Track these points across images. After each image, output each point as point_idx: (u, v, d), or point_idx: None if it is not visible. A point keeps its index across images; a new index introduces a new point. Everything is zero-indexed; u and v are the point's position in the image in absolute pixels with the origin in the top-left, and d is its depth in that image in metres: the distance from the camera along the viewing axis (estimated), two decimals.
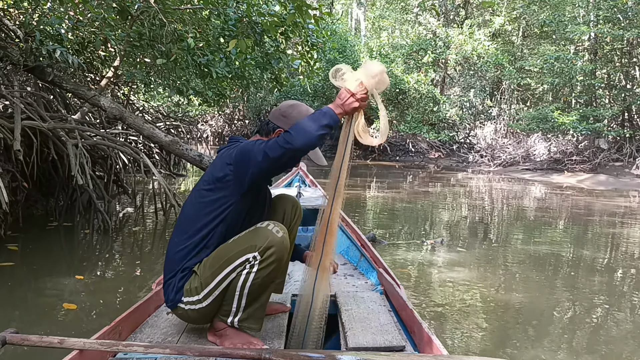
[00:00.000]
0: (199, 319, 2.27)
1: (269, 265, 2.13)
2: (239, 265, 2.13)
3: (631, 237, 7.81)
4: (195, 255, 2.22)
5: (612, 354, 3.51)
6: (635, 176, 16.95)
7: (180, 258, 2.23)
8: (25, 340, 1.90)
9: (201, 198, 2.25)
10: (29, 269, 4.71)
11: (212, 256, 2.20)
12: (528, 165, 20.08)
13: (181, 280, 2.21)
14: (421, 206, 10.52)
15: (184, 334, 2.35)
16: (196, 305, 2.19)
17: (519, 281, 5.16)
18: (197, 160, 6.58)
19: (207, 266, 2.18)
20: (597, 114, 18.40)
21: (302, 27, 6.55)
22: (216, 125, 31.82)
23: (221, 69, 6.67)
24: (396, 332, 2.33)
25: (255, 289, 2.17)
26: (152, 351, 1.91)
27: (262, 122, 2.42)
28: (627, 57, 19.47)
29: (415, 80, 20.23)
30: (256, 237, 2.14)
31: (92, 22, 6.28)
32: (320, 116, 2.08)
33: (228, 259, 2.14)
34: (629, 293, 5.01)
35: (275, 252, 2.13)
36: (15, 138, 5.11)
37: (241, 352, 1.88)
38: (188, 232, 2.24)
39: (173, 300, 2.22)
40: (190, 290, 2.18)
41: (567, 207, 11.11)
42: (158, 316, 2.55)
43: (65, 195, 6.89)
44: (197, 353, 1.91)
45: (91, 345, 1.88)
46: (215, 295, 2.17)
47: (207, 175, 2.27)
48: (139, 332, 2.34)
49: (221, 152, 2.31)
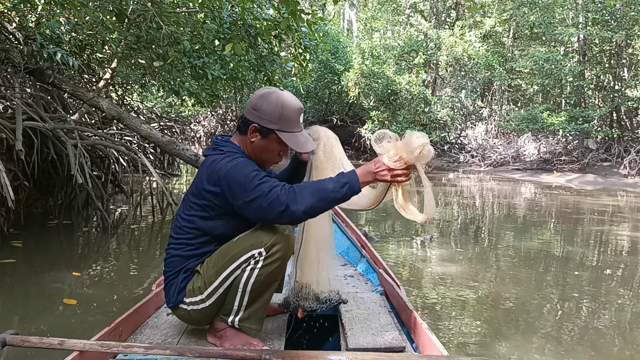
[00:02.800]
0: (200, 319, 2.24)
1: (273, 262, 2.10)
2: (244, 262, 2.09)
3: (617, 235, 8.01)
4: (197, 256, 2.19)
5: (601, 345, 3.64)
6: (623, 176, 17.21)
7: (181, 260, 2.20)
8: (26, 341, 1.91)
9: (193, 206, 2.17)
10: (31, 266, 4.83)
11: (215, 255, 2.16)
12: (518, 165, 20.32)
13: (184, 280, 2.18)
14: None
15: (184, 335, 2.34)
16: (199, 305, 2.16)
17: (508, 276, 5.32)
18: (193, 160, 6.74)
19: (211, 265, 2.14)
20: (586, 115, 18.66)
21: (295, 31, 6.72)
22: (209, 125, 31.89)
23: (216, 71, 6.83)
24: (396, 333, 2.32)
25: (257, 286, 2.12)
26: (152, 352, 1.92)
27: (241, 117, 2.29)
28: (615, 58, 19.74)
29: (407, 81, 20.41)
30: (262, 234, 2.10)
31: (91, 25, 6.42)
32: (339, 187, 1.97)
33: (232, 256, 2.10)
34: (615, 288, 5.17)
35: (280, 249, 2.10)
36: (17, 138, 5.25)
37: (241, 354, 1.89)
38: (187, 235, 2.19)
39: (175, 301, 2.20)
40: (193, 290, 2.16)
41: (556, 206, 11.32)
42: (158, 317, 2.55)
43: (64, 194, 7.03)
44: (197, 354, 1.91)
45: (91, 346, 1.89)
46: (218, 294, 2.14)
47: (195, 187, 2.18)
48: (139, 334, 2.34)
49: (207, 163, 2.19)
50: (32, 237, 5.67)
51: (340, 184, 1.96)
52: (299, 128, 2.23)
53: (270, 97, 2.19)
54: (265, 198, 1.96)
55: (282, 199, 1.95)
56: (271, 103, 2.17)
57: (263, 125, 2.17)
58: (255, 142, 2.20)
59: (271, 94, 2.21)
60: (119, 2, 5.76)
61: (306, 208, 1.94)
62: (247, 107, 2.25)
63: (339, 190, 1.95)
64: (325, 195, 1.95)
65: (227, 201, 2.07)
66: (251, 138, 2.20)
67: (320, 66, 21.92)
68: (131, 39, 6.50)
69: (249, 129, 2.19)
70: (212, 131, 31.58)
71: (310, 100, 24.26)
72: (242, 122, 2.24)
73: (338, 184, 1.96)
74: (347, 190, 1.96)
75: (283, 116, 2.17)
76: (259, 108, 2.18)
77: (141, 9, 5.94)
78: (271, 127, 2.17)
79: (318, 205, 1.96)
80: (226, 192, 2.05)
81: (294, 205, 1.94)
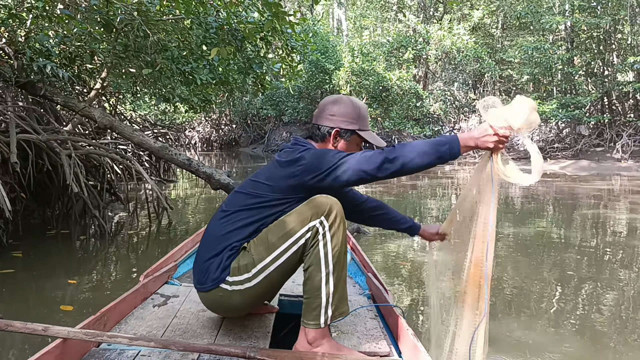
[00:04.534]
0: (239, 304, 2.13)
1: (339, 227, 2.00)
2: (301, 237, 2.00)
3: (612, 218, 8.15)
4: (246, 235, 2.11)
5: (600, 328, 3.75)
6: (616, 160, 17.34)
7: (227, 237, 2.10)
8: (9, 326, 1.89)
9: (257, 192, 2.14)
10: (30, 275, 4.91)
11: (266, 231, 2.08)
12: (512, 155, 20.18)
13: (229, 258, 2.07)
14: (408, 198, 10.81)
15: (169, 328, 2.32)
16: (243, 284, 2.05)
17: (506, 260, 5.43)
18: (186, 164, 6.84)
19: (261, 241, 2.06)
20: (577, 102, 18.77)
21: (281, 32, 6.82)
22: (204, 131, 32.02)
23: (205, 76, 6.92)
24: (381, 337, 2.32)
25: (339, 259, 2.01)
26: (136, 343, 1.90)
27: (312, 127, 2.31)
28: (604, 44, 19.86)
29: (398, 77, 20.52)
30: (313, 206, 2.01)
31: (79, 36, 6.51)
32: (438, 145, 1.94)
33: (287, 232, 2.01)
34: (611, 269, 5.28)
35: (338, 213, 2.00)
36: (12, 151, 5.34)
37: (226, 349, 1.88)
38: (239, 216, 2.13)
39: (216, 279, 2.07)
40: (238, 268, 2.05)
41: (550, 193, 11.45)
42: (144, 309, 2.53)
43: (61, 203, 7.13)
44: (182, 347, 1.89)
45: (75, 334, 1.88)
46: (267, 273, 2.04)
47: (269, 169, 2.18)
48: (124, 324, 2.33)
49: (287, 151, 2.20)
50: (31, 247, 5.76)
51: (441, 143, 1.94)
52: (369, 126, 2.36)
53: (343, 100, 2.31)
54: (362, 154, 2.00)
55: (378, 153, 1.98)
56: (347, 105, 2.28)
57: (344, 127, 2.26)
58: (337, 147, 2.28)
59: (342, 98, 2.33)
60: (106, 13, 5.85)
61: (405, 160, 1.95)
62: (319, 115, 2.31)
63: (438, 149, 1.94)
64: (423, 150, 1.95)
65: (305, 179, 2.05)
66: (334, 144, 2.28)
67: (310, 66, 22.03)
68: (119, 48, 6.59)
69: (331, 136, 2.26)
70: (207, 137, 31.71)
71: (302, 101, 24.34)
72: (317, 129, 2.29)
73: (439, 144, 1.95)
74: (446, 150, 1.93)
75: (360, 115, 2.29)
76: (337, 112, 2.26)
77: (128, 19, 6.02)
78: (352, 127, 2.27)
79: (417, 159, 1.94)
80: (312, 164, 2.05)
81: (392, 155, 1.96)
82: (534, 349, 3.31)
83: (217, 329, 2.35)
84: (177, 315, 2.50)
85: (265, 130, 29.28)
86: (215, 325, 2.39)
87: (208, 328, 2.36)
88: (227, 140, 31.49)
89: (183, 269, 3.42)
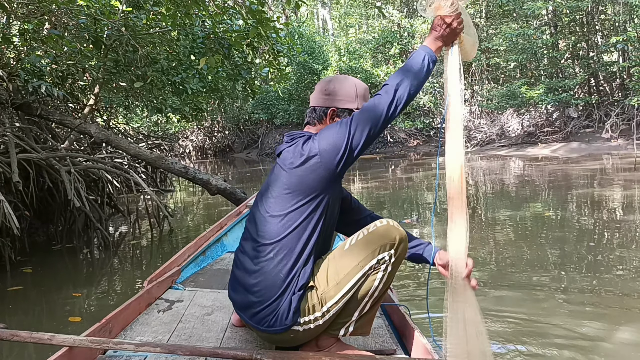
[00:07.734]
0: (307, 338, 2.02)
1: (398, 260, 1.97)
2: (370, 269, 1.92)
3: (605, 196, 8.36)
4: (301, 269, 1.95)
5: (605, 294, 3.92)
6: (606, 140, 17.54)
7: (284, 277, 1.92)
8: (15, 335, 1.89)
9: (285, 204, 1.95)
10: (39, 290, 5.01)
11: (331, 264, 1.98)
12: (504, 142, 20.62)
13: (298, 300, 1.92)
14: (403, 191, 10.97)
15: (175, 333, 2.32)
16: (314, 323, 1.94)
17: (502, 245, 5.60)
18: (183, 172, 7.01)
19: (327, 277, 1.95)
20: (564, 85, 18.96)
21: (266, 37, 6.98)
22: (197, 139, 32.08)
23: (195, 85, 7.08)
24: (387, 335, 2.32)
25: (383, 291, 1.99)
26: (142, 349, 1.88)
27: (308, 111, 2.19)
28: (587, 26, 20.06)
29: (385, 73, 20.71)
30: (385, 236, 1.93)
31: (70, 54, 6.66)
32: (419, 60, 1.94)
33: (356, 265, 1.92)
34: (612, 246, 5.45)
35: (404, 247, 1.97)
36: (13, 170, 5.49)
37: (232, 353, 1.85)
38: (280, 245, 1.94)
39: (288, 323, 1.92)
40: (308, 309, 1.93)
41: (544, 177, 11.63)
42: (149, 314, 2.53)
43: (63, 219, 7.29)
44: (188, 352, 1.88)
45: (81, 342, 1.88)
46: (337, 308, 1.95)
47: (281, 180, 1.99)
48: (129, 330, 2.32)
49: (290, 148, 2.05)
50: (38, 263, 5.89)
51: (419, 58, 1.94)
52: None
53: (340, 78, 2.19)
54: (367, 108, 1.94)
55: (379, 98, 1.92)
56: (345, 83, 2.16)
57: (342, 107, 2.13)
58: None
59: (340, 76, 2.21)
60: (94, 30, 5.99)
61: (404, 87, 1.90)
62: (315, 96, 2.19)
63: (422, 64, 1.93)
64: (414, 72, 1.93)
65: (326, 162, 1.92)
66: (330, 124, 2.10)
67: (298, 68, 22.18)
68: (110, 64, 6.74)
69: (327, 115, 2.13)
70: (201, 145, 31.79)
71: (293, 103, 24.48)
72: (313, 112, 2.17)
73: (419, 58, 1.94)
74: (428, 60, 1.94)
75: (359, 94, 2.15)
76: (334, 91, 2.14)
77: (116, 34, 6.17)
78: (350, 106, 2.13)
79: (413, 80, 1.92)
80: (326, 147, 1.92)
81: (391, 91, 1.90)
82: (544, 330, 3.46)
83: (223, 332, 2.37)
84: (182, 319, 2.52)
85: (258, 135, 29.39)
86: (221, 329, 2.41)
87: (214, 332, 2.38)
88: (221, 147, 31.59)
89: (187, 273, 3.45)
